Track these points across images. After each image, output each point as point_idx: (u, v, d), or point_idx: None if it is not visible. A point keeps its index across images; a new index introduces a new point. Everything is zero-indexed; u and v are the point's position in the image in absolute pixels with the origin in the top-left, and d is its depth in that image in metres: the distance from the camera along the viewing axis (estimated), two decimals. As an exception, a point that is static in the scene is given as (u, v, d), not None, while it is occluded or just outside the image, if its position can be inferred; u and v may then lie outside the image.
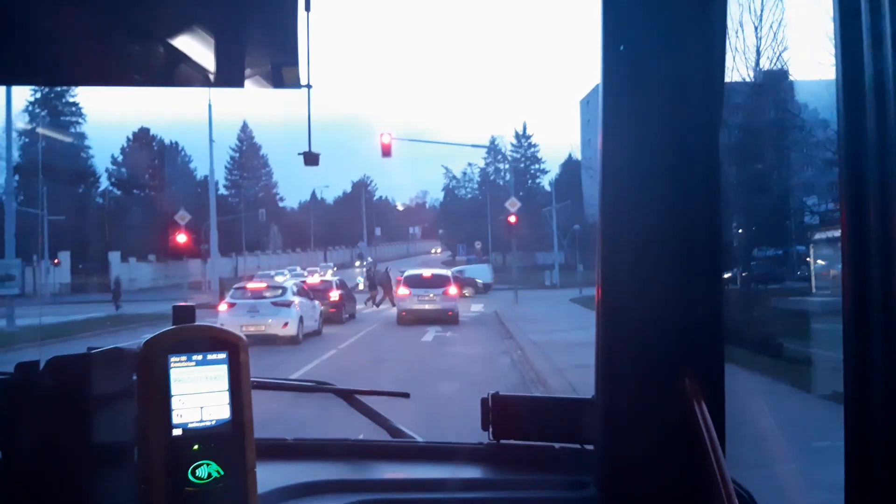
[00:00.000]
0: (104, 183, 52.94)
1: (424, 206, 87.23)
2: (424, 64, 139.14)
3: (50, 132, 44.24)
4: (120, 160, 53.93)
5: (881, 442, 0.95)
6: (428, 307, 20.56)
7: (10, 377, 1.25)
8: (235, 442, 1.18)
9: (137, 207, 45.80)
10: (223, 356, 1.19)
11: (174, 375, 1.15)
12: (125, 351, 1.25)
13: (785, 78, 15.55)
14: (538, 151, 65.86)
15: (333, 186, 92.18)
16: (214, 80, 1.71)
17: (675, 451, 1.27)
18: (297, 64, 1.48)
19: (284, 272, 37.76)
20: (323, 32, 1.62)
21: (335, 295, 21.19)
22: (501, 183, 59.89)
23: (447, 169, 70.51)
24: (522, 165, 64.46)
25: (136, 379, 1.16)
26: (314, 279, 24.18)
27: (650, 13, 1.31)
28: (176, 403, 1.15)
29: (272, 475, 1.38)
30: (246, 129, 65.60)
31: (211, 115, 33.13)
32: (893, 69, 0.91)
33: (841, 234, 0.97)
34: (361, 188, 76.65)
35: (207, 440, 1.16)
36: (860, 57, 0.95)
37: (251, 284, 18.38)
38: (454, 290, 21.29)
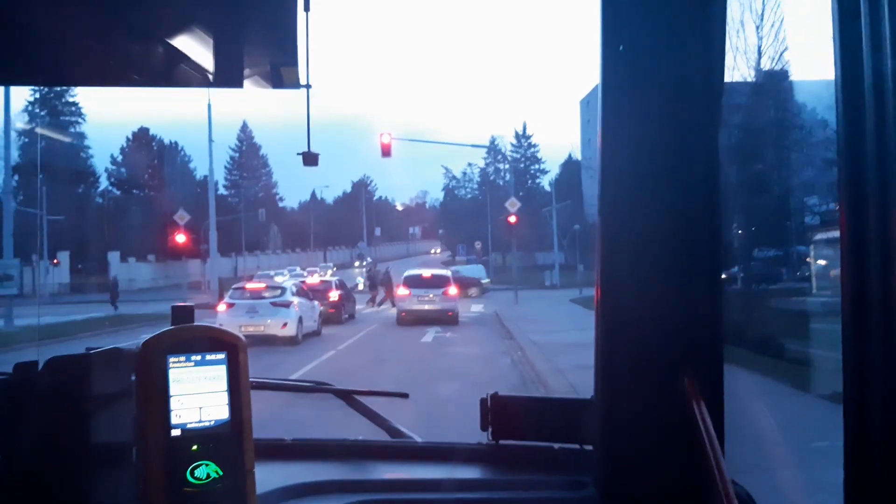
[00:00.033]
0: (104, 183, 53.01)
1: (424, 206, 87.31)
2: (424, 64, 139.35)
3: (49, 132, 44.21)
4: (119, 160, 53.97)
5: (880, 442, 0.95)
6: (428, 307, 20.54)
7: (8, 377, 1.25)
8: (234, 442, 1.18)
9: (137, 207, 45.80)
10: (222, 356, 1.19)
11: (173, 376, 1.15)
12: (124, 351, 1.25)
13: (786, 77, 15.51)
14: (538, 151, 65.95)
15: (333, 186, 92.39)
16: (214, 80, 1.71)
17: (674, 451, 1.27)
18: (296, 64, 1.48)
19: (284, 272, 37.75)
20: (322, 32, 1.62)
21: (334, 295, 21.19)
22: (501, 183, 59.84)
23: (447, 169, 70.59)
24: (522, 165, 64.43)
25: (134, 379, 1.16)
26: (314, 279, 24.15)
27: (649, 13, 1.31)
28: (175, 404, 1.15)
29: (271, 475, 1.38)
30: (246, 128, 65.73)
31: (210, 114, 33.11)
32: (892, 70, 0.91)
33: (840, 234, 0.97)
34: (361, 188, 76.70)
35: (206, 440, 1.16)
36: (859, 58, 0.95)
37: (250, 285, 18.31)
38: (454, 290, 21.28)
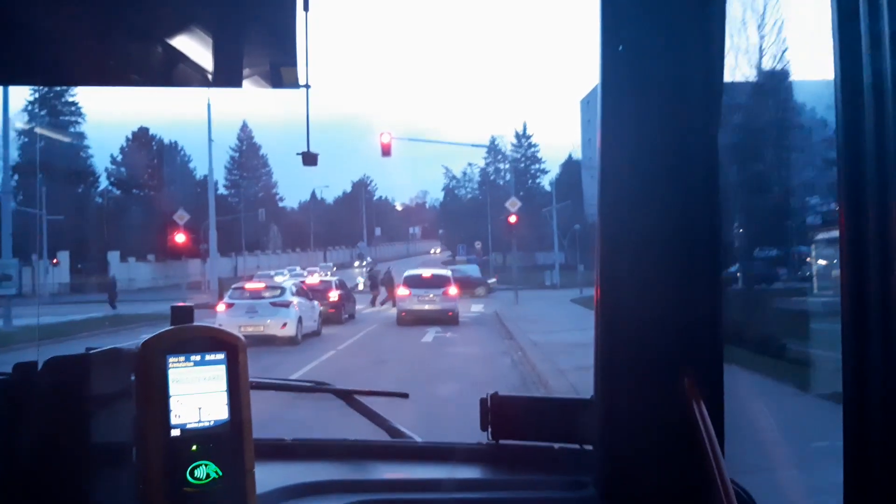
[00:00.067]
0: (103, 183, 52.96)
1: (424, 206, 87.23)
2: (424, 64, 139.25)
3: (49, 132, 44.18)
4: (119, 160, 53.92)
5: (880, 442, 0.95)
6: (428, 307, 20.52)
7: (8, 377, 1.25)
8: (234, 442, 1.18)
9: (137, 207, 45.77)
10: (221, 357, 1.19)
11: (172, 376, 1.15)
12: (123, 351, 1.25)
13: (787, 76, 15.50)
14: (538, 151, 65.93)
15: (333, 186, 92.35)
16: (213, 80, 1.71)
17: (674, 451, 1.27)
18: (295, 64, 1.48)
19: (284, 272, 37.72)
20: (322, 32, 1.61)
21: (334, 295, 21.17)
22: (501, 183, 59.83)
23: (447, 169, 70.51)
24: (522, 165, 64.36)
25: (134, 379, 1.16)
26: (313, 279, 24.12)
27: (649, 13, 1.31)
28: (174, 404, 1.15)
29: (271, 475, 1.38)
30: (246, 128, 65.62)
31: (210, 114, 33.09)
32: (892, 70, 0.91)
33: (839, 234, 0.97)
34: (361, 188, 76.68)
35: (206, 440, 1.16)
36: (858, 58, 0.95)
37: (250, 285, 18.22)
38: (454, 290, 21.28)
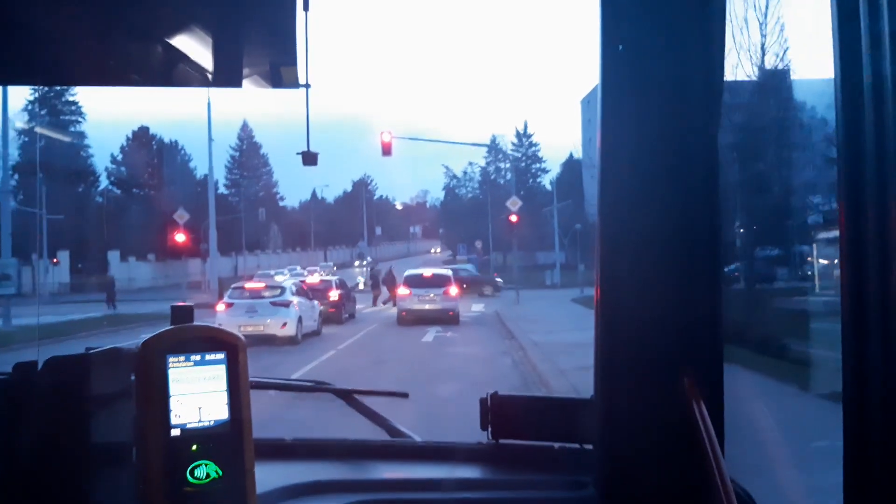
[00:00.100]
0: (104, 182, 52.96)
1: (425, 205, 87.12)
2: (424, 63, 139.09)
3: (49, 131, 44.14)
4: (119, 159, 53.91)
5: (879, 442, 0.95)
6: (428, 307, 20.50)
7: (8, 377, 1.25)
8: (234, 442, 1.19)
9: (137, 207, 45.73)
10: (221, 356, 1.19)
11: (172, 376, 1.15)
12: (123, 351, 1.25)
13: (791, 75, 15.47)
14: (539, 151, 65.93)
15: (334, 186, 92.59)
16: (213, 79, 1.71)
17: (674, 451, 1.27)
18: (295, 63, 1.48)
19: (284, 271, 37.72)
20: (321, 32, 1.62)
21: (335, 295, 21.16)
22: (502, 182, 59.79)
23: (447, 168, 70.36)
24: (523, 164, 64.34)
25: (134, 379, 1.16)
26: (314, 278, 24.11)
27: (649, 13, 1.31)
28: (174, 404, 1.15)
29: (271, 475, 1.38)
30: (246, 128, 65.58)
31: (210, 114, 33.16)
32: (891, 70, 0.91)
33: (839, 234, 0.97)
34: (362, 187, 76.62)
35: (206, 440, 1.16)
36: (858, 58, 0.95)
37: (249, 284, 18.18)
38: (455, 289, 21.27)
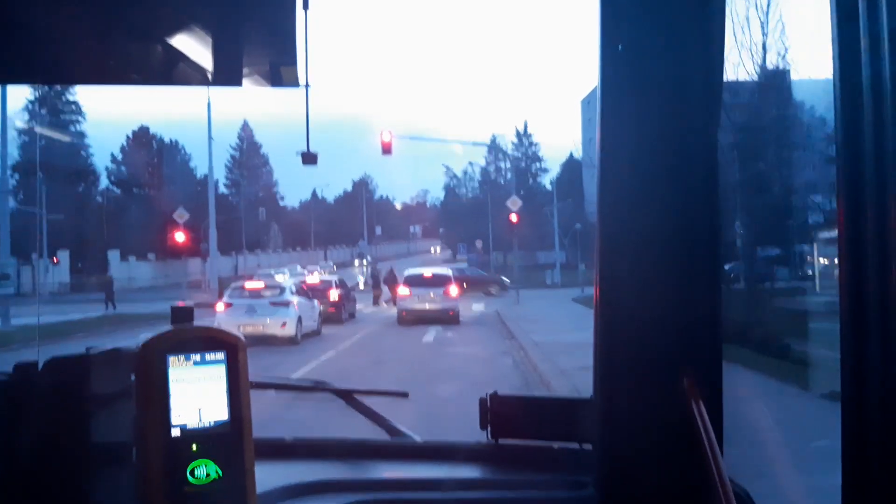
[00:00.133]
0: (104, 182, 52.94)
1: (425, 205, 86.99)
2: (425, 63, 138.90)
3: (49, 131, 44.10)
4: (119, 159, 53.89)
5: (878, 442, 0.95)
6: (429, 307, 20.49)
7: (8, 378, 1.25)
8: (234, 442, 1.19)
9: (137, 206, 45.69)
10: (221, 356, 1.19)
11: (172, 376, 1.15)
12: (123, 351, 1.25)
13: (791, 74, 15.44)
14: (539, 150, 65.88)
15: (334, 185, 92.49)
16: (213, 79, 1.71)
17: (673, 450, 1.27)
18: (295, 63, 1.48)
19: (284, 271, 37.69)
20: (321, 32, 1.62)
21: (335, 294, 21.14)
22: (502, 182, 59.75)
23: (448, 168, 70.32)
24: (524, 164, 64.32)
25: (134, 379, 1.16)
26: (314, 278, 24.06)
27: (648, 13, 1.31)
28: (174, 404, 1.15)
29: (271, 475, 1.38)
30: (246, 127, 65.46)
31: (210, 113, 33.16)
32: (890, 70, 0.91)
33: (838, 234, 0.97)
34: (362, 187, 76.59)
35: (206, 440, 1.16)
36: (857, 59, 0.95)
37: (249, 284, 18.07)
38: (455, 289, 21.26)
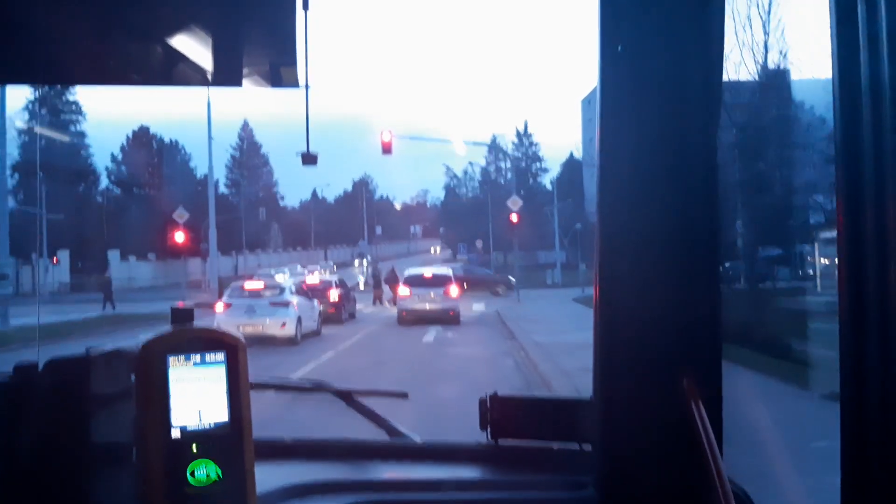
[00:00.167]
0: (104, 182, 53.01)
1: (425, 204, 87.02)
2: (425, 63, 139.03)
3: (49, 131, 44.06)
4: (120, 159, 53.98)
5: (878, 442, 0.95)
6: (429, 307, 20.50)
7: (9, 378, 1.25)
8: (234, 443, 1.19)
9: (137, 206, 45.76)
10: (221, 357, 1.19)
11: (172, 376, 1.15)
12: (124, 352, 1.25)
13: (791, 74, 15.43)
14: (539, 150, 65.93)
15: (334, 185, 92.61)
16: (212, 79, 1.71)
17: (673, 451, 1.27)
18: (295, 63, 1.48)
19: (284, 270, 37.67)
20: (321, 32, 1.61)
21: (335, 294, 21.14)
22: (503, 182, 59.76)
23: (448, 167, 70.34)
24: (524, 164, 64.34)
25: (134, 380, 1.16)
26: (314, 278, 24.04)
27: (648, 13, 1.31)
28: (174, 404, 1.15)
29: (271, 475, 1.38)
30: (246, 127, 65.56)
31: (210, 113, 33.11)
32: (889, 71, 0.91)
33: (837, 234, 0.98)
34: (362, 187, 76.66)
35: (206, 441, 1.16)
36: (856, 59, 0.95)
37: (249, 284, 18.04)
38: (455, 289, 21.26)
